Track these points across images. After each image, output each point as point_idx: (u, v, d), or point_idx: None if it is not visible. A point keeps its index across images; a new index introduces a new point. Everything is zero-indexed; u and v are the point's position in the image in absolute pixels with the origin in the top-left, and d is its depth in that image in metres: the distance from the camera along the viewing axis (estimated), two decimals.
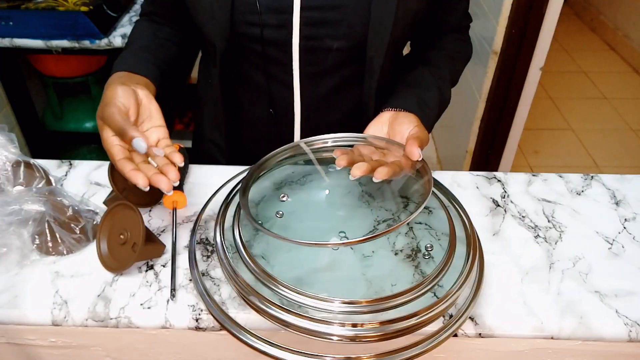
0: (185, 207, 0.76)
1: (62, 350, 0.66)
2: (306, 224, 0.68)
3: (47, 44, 1.45)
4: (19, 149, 0.72)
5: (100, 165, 0.83)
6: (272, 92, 0.79)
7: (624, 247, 0.71)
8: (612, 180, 0.83)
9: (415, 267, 0.64)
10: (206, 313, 0.61)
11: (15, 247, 0.66)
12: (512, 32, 1.50)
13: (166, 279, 0.65)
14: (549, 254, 0.70)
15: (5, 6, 1.39)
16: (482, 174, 0.83)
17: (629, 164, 2.34)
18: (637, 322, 0.61)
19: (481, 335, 0.61)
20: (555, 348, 0.63)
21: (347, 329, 0.53)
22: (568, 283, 0.66)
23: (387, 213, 0.71)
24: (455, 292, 0.57)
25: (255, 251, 0.64)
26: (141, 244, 0.62)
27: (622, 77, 2.97)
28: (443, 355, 0.65)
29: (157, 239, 0.68)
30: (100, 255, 0.66)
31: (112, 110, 0.61)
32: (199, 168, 0.83)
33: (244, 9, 0.70)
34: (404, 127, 0.69)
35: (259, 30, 0.71)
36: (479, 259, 0.62)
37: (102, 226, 0.67)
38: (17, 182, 0.70)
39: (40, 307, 0.62)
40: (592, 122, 2.60)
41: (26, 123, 1.81)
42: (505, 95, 1.63)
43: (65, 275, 0.66)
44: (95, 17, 1.41)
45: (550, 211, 0.77)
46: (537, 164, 2.35)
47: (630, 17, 3.05)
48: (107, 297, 0.63)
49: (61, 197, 0.69)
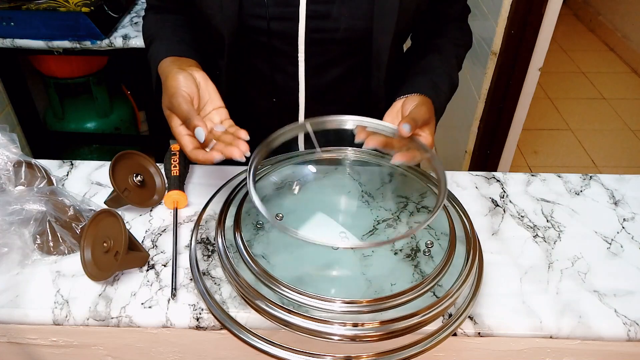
0: (186, 206, 0.76)
1: (63, 350, 0.67)
2: (306, 223, 0.68)
3: (48, 45, 1.45)
4: (20, 149, 0.73)
5: (101, 165, 0.83)
6: (277, 83, 0.79)
7: (622, 247, 0.71)
8: (611, 180, 0.83)
9: (415, 267, 0.64)
10: (207, 312, 0.61)
11: (17, 246, 0.67)
12: (511, 33, 1.50)
13: (167, 279, 0.65)
14: (548, 254, 0.70)
15: (6, 7, 1.40)
16: (481, 174, 0.83)
17: (627, 164, 2.35)
18: (636, 322, 0.62)
19: (480, 334, 0.61)
20: (554, 347, 0.63)
21: (348, 328, 0.53)
22: (567, 282, 0.66)
23: (386, 213, 0.71)
24: (455, 291, 0.58)
25: (256, 251, 0.64)
26: (123, 253, 0.62)
27: (621, 78, 2.97)
28: (442, 354, 0.65)
29: (141, 247, 0.68)
30: (84, 263, 0.66)
31: (179, 101, 0.63)
32: (200, 168, 0.83)
33: (252, 1, 0.71)
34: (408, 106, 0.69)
35: (265, 22, 0.72)
36: (478, 259, 0.63)
37: (87, 233, 0.67)
38: (19, 182, 0.70)
39: (41, 307, 0.62)
40: (590, 122, 2.60)
41: (27, 123, 1.81)
42: (504, 95, 1.64)
43: (66, 274, 0.66)
44: (96, 17, 1.41)
45: (549, 211, 0.77)
46: (536, 164, 2.35)
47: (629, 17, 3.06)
48: (108, 296, 0.63)
49: (62, 197, 0.69)
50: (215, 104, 0.67)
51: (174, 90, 0.64)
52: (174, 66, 0.68)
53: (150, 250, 0.69)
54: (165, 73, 0.68)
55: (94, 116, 1.86)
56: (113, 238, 0.65)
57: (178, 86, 0.64)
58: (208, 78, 0.68)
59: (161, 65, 0.71)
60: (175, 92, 0.64)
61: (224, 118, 0.67)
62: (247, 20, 0.72)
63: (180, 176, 0.77)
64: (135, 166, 0.76)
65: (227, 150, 0.61)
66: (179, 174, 0.77)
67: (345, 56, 0.77)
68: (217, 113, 0.67)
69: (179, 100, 0.63)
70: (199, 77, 0.67)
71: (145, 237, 0.71)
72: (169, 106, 0.65)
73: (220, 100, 0.68)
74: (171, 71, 0.67)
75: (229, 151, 0.60)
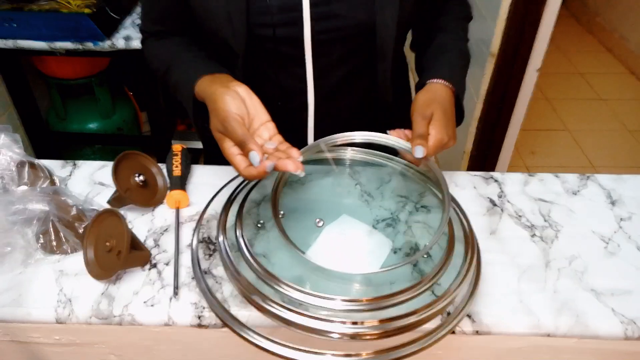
0: (188, 206, 0.77)
1: (66, 348, 0.67)
2: (307, 223, 0.69)
3: (50, 46, 1.45)
4: (23, 150, 0.73)
5: (103, 165, 0.84)
6: (285, 86, 0.80)
7: (619, 246, 0.72)
8: (608, 180, 0.84)
9: (414, 266, 0.65)
10: (208, 311, 0.62)
11: (20, 246, 0.67)
12: (509, 34, 1.51)
13: (169, 277, 0.66)
14: (546, 253, 0.71)
15: (8, 8, 1.40)
16: (480, 174, 0.84)
17: (624, 165, 2.35)
18: (633, 321, 0.62)
19: (478, 332, 0.62)
20: (551, 345, 0.64)
21: (348, 326, 0.54)
22: (564, 281, 0.67)
23: (386, 212, 0.72)
24: (454, 290, 0.58)
25: (257, 250, 0.65)
26: (125, 252, 0.62)
27: (619, 79, 2.98)
28: (441, 352, 0.66)
29: (143, 246, 0.69)
30: (87, 262, 0.66)
31: (233, 125, 0.62)
32: (201, 168, 0.84)
33: (257, 10, 0.71)
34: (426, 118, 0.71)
35: (271, 30, 0.72)
36: (476, 258, 0.63)
37: (89, 233, 0.67)
38: (22, 182, 0.71)
39: (44, 305, 0.63)
40: (588, 123, 2.61)
41: (30, 124, 1.81)
42: (502, 96, 1.64)
43: (69, 273, 0.66)
44: (98, 19, 1.41)
45: (547, 211, 0.78)
46: (533, 164, 2.36)
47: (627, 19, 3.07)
48: (111, 295, 0.64)
49: (65, 196, 0.70)
50: (262, 119, 0.66)
51: (225, 114, 0.63)
52: (216, 85, 0.66)
53: (153, 249, 0.70)
54: (209, 94, 0.67)
55: (97, 117, 1.87)
56: (115, 237, 0.65)
57: (228, 109, 0.63)
58: (251, 91, 0.66)
59: (199, 87, 0.70)
60: (227, 115, 0.63)
61: (272, 133, 0.66)
62: (254, 29, 0.72)
63: (182, 176, 0.78)
64: (137, 166, 0.77)
65: (281, 163, 0.60)
66: (181, 174, 0.78)
67: (351, 53, 0.77)
68: (265, 128, 0.66)
69: (233, 125, 0.62)
70: (242, 93, 0.66)
71: (148, 236, 0.72)
72: (222, 130, 0.63)
73: (266, 113, 0.66)
74: (215, 92, 0.65)
75: (283, 163, 0.60)
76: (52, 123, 1.88)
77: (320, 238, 0.66)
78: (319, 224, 0.68)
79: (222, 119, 0.63)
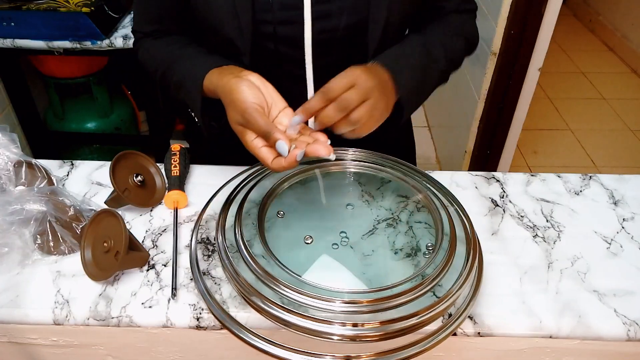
0: (187, 206, 0.76)
1: (63, 349, 0.67)
2: (307, 223, 0.68)
3: (48, 45, 1.45)
4: (21, 149, 0.73)
5: (101, 165, 0.83)
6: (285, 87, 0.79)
7: (622, 247, 0.71)
8: (611, 180, 0.83)
9: (415, 267, 0.64)
10: (207, 312, 0.61)
11: (17, 246, 0.67)
12: (510, 33, 1.50)
13: (167, 278, 0.65)
14: (548, 254, 0.70)
15: (6, 7, 1.40)
16: (481, 174, 0.83)
17: (627, 164, 2.35)
18: (636, 322, 0.62)
19: (480, 334, 0.61)
20: (553, 347, 0.64)
21: (348, 328, 0.53)
22: (566, 282, 0.66)
23: (387, 212, 0.71)
24: (455, 291, 0.58)
25: (256, 251, 0.64)
26: (123, 253, 0.62)
27: (621, 78, 2.97)
28: (442, 354, 0.65)
29: (141, 247, 0.68)
30: (84, 263, 0.66)
31: (254, 116, 0.59)
32: (200, 168, 0.83)
33: (260, 7, 0.70)
34: None
35: (272, 27, 0.71)
36: (478, 259, 0.63)
37: (87, 233, 0.67)
38: (19, 182, 0.70)
39: (41, 307, 0.62)
40: (590, 122, 2.61)
41: (28, 123, 1.81)
42: (504, 95, 1.64)
43: (66, 274, 0.66)
44: (96, 18, 1.41)
45: (549, 211, 0.77)
46: (535, 164, 2.35)
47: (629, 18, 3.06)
48: (109, 296, 0.63)
49: (63, 197, 0.69)
50: (279, 106, 0.64)
51: (244, 105, 0.60)
52: (228, 77, 0.64)
53: (151, 250, 0.69)
54: (221, 87, 0.64)
55: (94, 116, 1.86)
56: (113, 238, 0.65)
57: (247, 100, 0.60)
58: (264, 79, 0.64)
59: (208, 81, 0.68)
60: (246, 106, 0.60)
61: None
62: (258, 26, 0.71)
63: (180, 176, 0.77)
64: (135, 166, 0.77)
65: (312, 148, 0.57)
66: (179, 174, 0.77)
67: (348, 54, 0.77)
68: (284, 115, 0.64)
69: (254, 116, 0.59)
70: (256, 81, 0.63)
71: (146, 237, 0.71)
72: (242, 122, 0.60)
73: (282, 100, 0.64)
74: (228, 82, 0.63)
75: (314, 149, 0.57)
76: (50, 122, 1.88)
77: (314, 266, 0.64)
78: (307, 240, 0.65)
79: (242, 110, 0.60)
